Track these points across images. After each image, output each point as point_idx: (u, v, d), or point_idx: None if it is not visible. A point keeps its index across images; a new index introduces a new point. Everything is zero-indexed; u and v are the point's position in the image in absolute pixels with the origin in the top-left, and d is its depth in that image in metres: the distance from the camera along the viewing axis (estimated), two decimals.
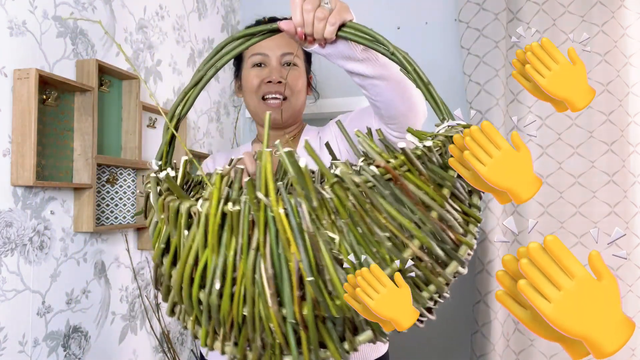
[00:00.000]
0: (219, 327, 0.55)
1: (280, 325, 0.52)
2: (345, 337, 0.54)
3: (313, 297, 0.51)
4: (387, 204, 0.51)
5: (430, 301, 0.54)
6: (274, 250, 0.50)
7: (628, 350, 1.62)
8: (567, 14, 1.71)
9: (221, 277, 0.52)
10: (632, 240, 1.64)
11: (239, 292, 0.52)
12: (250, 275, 0.51)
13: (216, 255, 0.52)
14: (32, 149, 1.02)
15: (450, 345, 1.89)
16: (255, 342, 0.54)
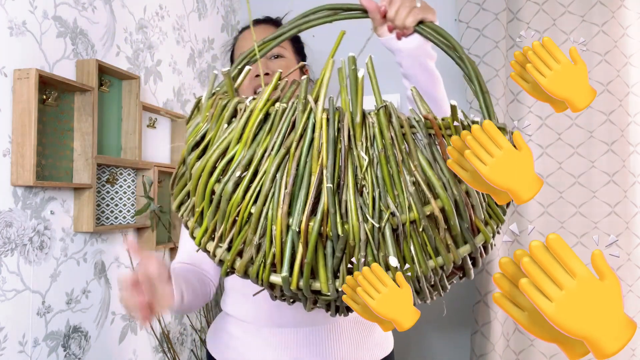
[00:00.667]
0: (220, 224, 0.54)
1: (282, 232, 0.50)
2: (340, 272, 0.52)
3: (324, 210, 0.49)
4: (421, 154, 0.52)
5: (432, 274, 0.52)
6: (302, 155, 0.51)
7: (628, 350, 1.62)
8: (567, 14, 1.71)
9: (244, 168, 0.52)
10: (632, 240, 1.64)
11: (255, 186, 0.52)
12: (272, 173, 0.51)
13: (247, 149, 0.53)
14: (32, 149, 1.02)
15: (450, 345, 1.89)
16: (251, 245, 0.52)
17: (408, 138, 0.53)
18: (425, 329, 1.92)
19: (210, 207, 0.55)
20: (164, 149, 1.61)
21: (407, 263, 0.51)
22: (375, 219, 0.50)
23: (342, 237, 0.50)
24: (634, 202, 1.64)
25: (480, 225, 0.54)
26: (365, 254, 0.50)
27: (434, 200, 0.51)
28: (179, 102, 1.72)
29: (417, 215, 0.51)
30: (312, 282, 0.52)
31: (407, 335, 1.93)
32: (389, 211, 0.51)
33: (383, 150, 0.51)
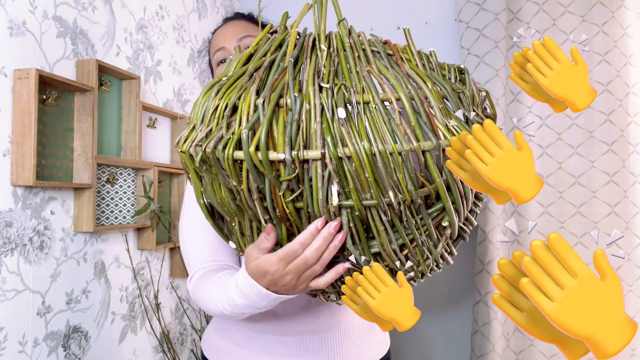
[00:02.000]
0: (201, 124, 0.60)
1: (250, 106, 0.56)
2: (295, 143, 0.56)
3: (286, 81, 0.57)
4: (378, 61, 0.60)
5: (396, 157, 0.53)
6: (276, 59, 0.62)
7: (628, 350, 1.62)
8: (567, 14, 1.71)
9: (226, 75, 0.63)
10: (632, 240, 1.64)
11: (233, 85, 0.60)
12: (249, 70, 0.61)
13: (238, 68, 0.64)
14: (32, 149, 1.02)
15: (450, 345, 1.89)
16: (222, 127, 0.57)
17: (367, 53, 0.60)
18: (425, 328, 1.92)
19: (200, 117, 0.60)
20: (164, 149, 1.61)
21: (362, 139, 0.52)
22: (329, 92, 0.55)
23: (298, 98, 0.54)
24: (634, 202, 1.64)
25: (440, 126, 0.54)
26: (320, 120, 0.53)
27: (389, 90, 0.55)
28: (179, 102, 1.72)
29: (370, 97, 0.54)
30: (270, 153, 0.53)
31: (407, 335, 1.93)
32: (340, 83, 0.56)
33: (343, 51, 0.60)
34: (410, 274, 0.64)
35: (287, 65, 0.58)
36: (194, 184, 0.64)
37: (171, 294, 1.64)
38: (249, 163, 0.53)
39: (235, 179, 0.56)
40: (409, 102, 0.54)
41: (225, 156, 0.54)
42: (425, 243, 0.60)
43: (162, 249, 1.55)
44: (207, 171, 0.59)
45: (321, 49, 0.60)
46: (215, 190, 0.61)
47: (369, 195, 0.54)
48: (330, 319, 0.93)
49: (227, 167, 0.55)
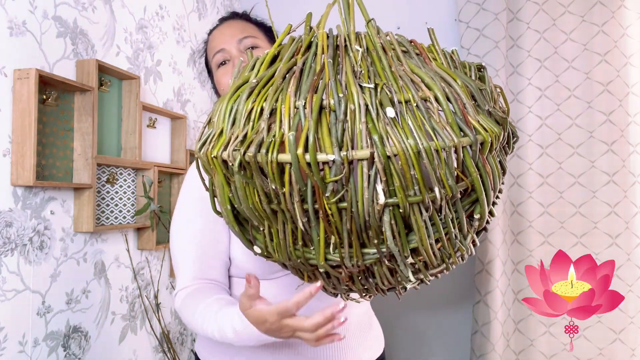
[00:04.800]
0: (234, 126, 0.59)
1: (290, 109, 0.55)
2: (343, 143, 0.55)
3: (326, 82, 0.56)
4: (409, 61, 0.60)
5: (435, 156, 0.54)
6: (308, 60, 0.61)
7: (628, 350, 1.62)
8: (567, 14, 1.71)
9: (259, 78, 0.62)
10: (632, 240, 1.64)
11: (268, 86, 0.59)
12: (282, 73, 0.60)
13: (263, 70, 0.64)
14: (32, 149, 1.02)
15: (450, 345, 1.89)
16: (261, 132, 0.56)
17: (398, 52, 0.61)
18: (425, 328, 1.92)
19: (228, 119, 0.59)
20: (164, 149, 1.61)
21: (408, 137, 0.53)
22: (372, 91, 0.55)
23: (342, 99, 0.54)
24: (634, 202, 1.64)
25: (474, 122, 0.56)
26: (365, 120, 0.53)
27: (425, 87, 0.56)
28: (179, 102, 1.72)
29: (410, 95, 0.55)
30: (319, 155, 0.53)
31: (407, 335, 1.93)
32: (382, 83, 0.56)
33: (375, 50, 0.60)
34: (441, 267, 0.65)
35: (321, 67, 0.58)
36: (222, 190, 0.63)
37: (171, 294, 1.64)
38: (296, 166, 0.53)
39: (278, 183, 0.55)
40: (445, 100, 0.55)
41: (269, 160, 0.53)
42: (457, 236, 0.62)
43: (162, 249, 1.56)
44: (241, 175, 0.58)
45: (355, 49, 0.60)
46: (249, 195, 0.60)
47: (413, 192, 0.55)
48: None
49: (270, 171, 0.54)
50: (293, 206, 0.57)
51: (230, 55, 0.99)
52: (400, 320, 1.93)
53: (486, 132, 0.55)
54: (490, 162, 0.58)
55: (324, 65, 0.58)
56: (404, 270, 0.62)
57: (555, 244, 1.68)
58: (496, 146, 0.59)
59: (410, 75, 0.58)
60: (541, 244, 1.70)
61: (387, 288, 0.68)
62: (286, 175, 0.54)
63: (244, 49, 0.99)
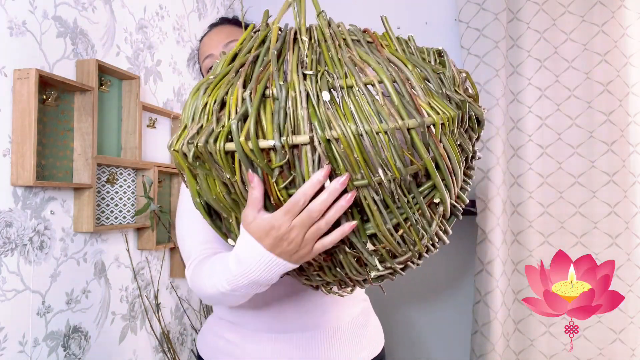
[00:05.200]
0: (191, 120, 0.61)
1: (237, 99, 0.57)
2: (284, 130, 0.56)
3: (270, 73, 0.58)
4: (358, 48, 0.62)
5: (387, 137, 0.54)
6: (260, 54, 0.63)
7: (628, 350, 1.62)
8: (567, 14, 1.71)
9: (213, 73, 0.65)
10: (632, 240, 1.64)
11: (219, 80, 0.61)
12: (235, 67, 0.62)
13: (223, 67, 0.66)
14: (32, 149, 1.02)
15: (450, 345, 1.89)
16: (212, 121, 0.58)
17: (348, 41, 0.62)
18: (425, 328, 1.92)
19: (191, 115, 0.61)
20: (164, 149, 1.61)
21: (349, 121, 0.54)
22: (312, 79, 0.56)
23: (283, 86, 0.55)
24: (634, 202, 1.64)
25: (424, 105, 0.56)
26: (306, 106, 0.54)
27: (371, 74, 0.56)
28: (179, 102, 1.72)
29: (353, 81, 0.55)
30: (260, 141, 0.54)
31: (407, 335, 1.94)
32: (323, 69, 0.57)
33: (324, 41, 0.62)
34: (407, 255, 0.65)
35: (270, 58, 0.60)
36: (190, 182, 0.65)
37: (171, 294, 1.64)
38: (241, 153, 0.54)
39: (228, 171, 0.57)
40: (392, 83, 0.56)
41: (217, 149, 0.55)
42: (419, 222, 0.61)
43: (162, 249, 1.56)
44: (200, 167, 0.60)
45: (302, 40, 0.62)
46: (210, 187, 0.62)
47: (360, 175, 0.56)
48: (319, 317, 0.93)
49: (220, 159, 0.56)
50: (246, 194, 0.59)
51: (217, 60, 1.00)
52: (400, 320, 1.93)
53: (438, 114, 0.55)
54: (446, 144, 0.58)
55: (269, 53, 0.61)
56: (369, 259, 0.63)
57: (555, 244, 1.68)
58: (452, 129, 0.58)
59: (358, 62, 0.59)
60: (541, 244, 1.70)
61: (361, 279, 0.69)
62: (236, 163, 0.56)
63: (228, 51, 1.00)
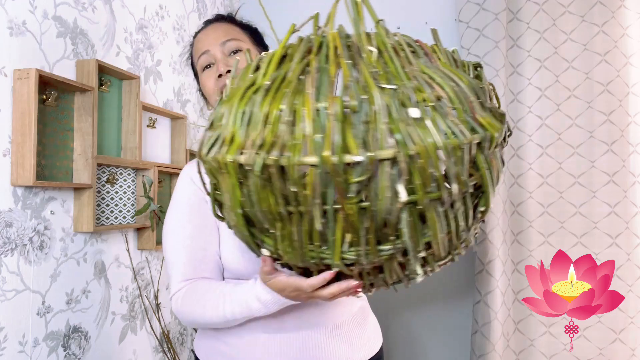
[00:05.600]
0: (252, 131, 0.58)
1: (312, 112, 0.54)
2: (366, 142, 0.54)
3: (345, 83, 0.55)
4: (419, 61, 0.61)
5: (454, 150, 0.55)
6: (321, 61, 0.60)
7: (628, 350, 1.62)
8: (567, 14, 1.71)
9: (272, 79, 0.61)
10: (632, 240, 1.64)
11: (283, 88, 0.58)
12: (297, 74, 0.59)
13: (273, 72, 0.62)
14: (32, 149, 1.02)
15: (450, 345, 1.89)
16: (282, 138, 0.55)
17: (407, 53, 0.61)
18: (425, 328, 1.92)
19: (242, 122, 0.58)
20: (164, 149, 1.61)
21: (428, 136, 0.54)
22: (391, 92, 0.55)
23: (365, 100, 0.53)
24: (634, 202, 1.64)
25: (481, 119, 0.57)
26: (387, 120, 0.53)
27: (437, 87, 0.57)
28: (179, 102, 1.72)
29: (426, 95, 0.55)
30: (345, 156, 0.53)
31: (406, 335, 1.94)
32: (401, 83, 0.56)
33: (386, 51, 0.60)
34: (448, 259, 0.67)
35: (337, 68, 0.58)
36: (233, 194, 0.62)
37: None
38: (322, 168, 0.53)
39: (299, 186, 0.55)
40: (456, 98, 0.56)
41: (293, 163, 0.53)
42: (463, 228, 0.63)
43: (162, 249, 1.56)
44: (260, 178, 0.57)
45: (369, 50, 0.60)
46: (262, 199, 0.59)
47: (431, 189, 0.56)
48: (317, 316, 0.93)
49: (293, 174, 0.54)
50: (313, 208, 0.57)
51: (215, 59, 0.99)
52: (400, 320, 1.93)
53: (491, 128, 0.57)
54: (496, 156, 0.60)
55: (339, 66, 0.58)
56: (414, 264, 0.63)
57: (555, 244, 1.68)
58: (499, 141, 0.60)
59: (421, 75, 0.58)
60: (541, 244, 1.70)
61: (393, 282, 0.70)
62: (310, 177, 0.54)
63: (227, 52, 0.99)
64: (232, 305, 0.84)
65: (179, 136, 1.65)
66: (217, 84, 0.98)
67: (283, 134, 0.54)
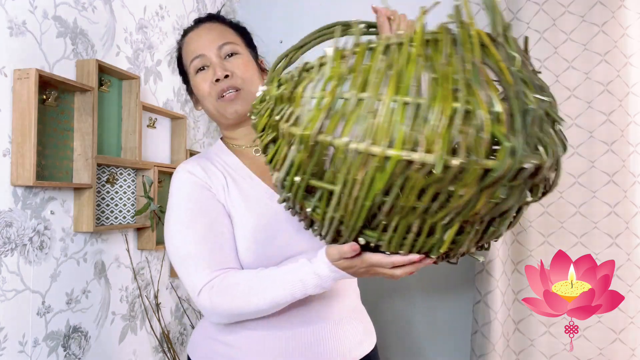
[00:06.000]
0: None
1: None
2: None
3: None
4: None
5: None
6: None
7: (628, 350, 1.62)
8: (567, 14, 1.71)
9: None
10: (632, 240, 1.64)
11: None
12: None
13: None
14: (32, 149, 1.02)
15: (450, 345, 1.89)
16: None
17: (530, 61, 0.62)
18: (425, 328, 1.92)
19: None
20: (164, 149, 1.61)
21: (555, 145, 0.56)
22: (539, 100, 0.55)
23: (533, 107, 0.53)
24: (634, 202, 1.64)
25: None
26: (544, 126, 0.55)
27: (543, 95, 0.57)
28: (179, 102, 1.72)
29: (539, 103, 0.55)
30: (526, 162, 0.51)
31: (407, 335, 1.93)
32: (550, 96, 0.57)
33: (521, 59, 0.57)
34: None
35: (497, 69, 0.55)
36: (373, 186, 0.58)
37: (171, 294, 1.64)
38: (498, 172, 0.51)
39: (459, 186, 0.54)
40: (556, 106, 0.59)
41: (479, 165, 0.51)
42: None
43: (162, 249, 1.56)
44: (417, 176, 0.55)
45: (512, 55, 0.57)
46: (407, 195, 0.57)
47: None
48: (321, 310, 0.93)
49: (469, 175, 0.52)
50: (460, 209, 0.56)
51: (210, 62, 0.99)
52: (400, 319, 1.93)
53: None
54: None
55: (499, 68, 0.55)
56: (487, 239, 0.66)
57: (555, 244, 1.68)
58: None
59: (535, 81, 0.59)
60: (541, 244, 1.70)
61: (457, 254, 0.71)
62: (489, 180, 0.52)
63: (223, 56, 0.99)
64: (285, 287, 0.82)
65: (179, 136, 1.65)
66: (213, 88, 0.98)
67: (459, 135, 0.51)
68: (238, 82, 0.98)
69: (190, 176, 0.97)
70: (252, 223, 0.92)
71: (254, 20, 1.19)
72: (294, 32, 2.06)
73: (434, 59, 0.56)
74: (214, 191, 0.95)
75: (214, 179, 0.96)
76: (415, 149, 0.52)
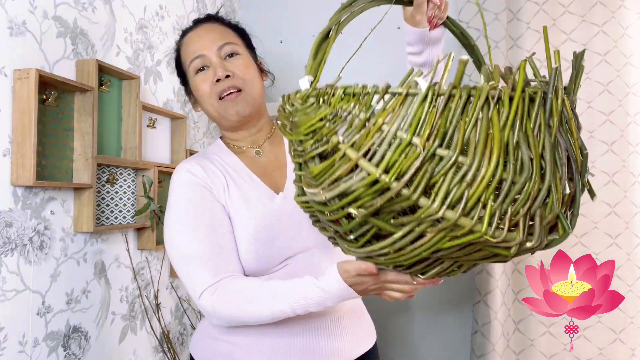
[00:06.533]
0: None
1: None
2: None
3: None
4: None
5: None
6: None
7: (628, 350, 1.62)
8: (567, 14, 1.71)
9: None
10: (632, 240, 1.64)
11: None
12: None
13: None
14: (32, 149, 1.02)
15: (450, 345, 1.89)
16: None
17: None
18: (425, 328, 1.92)
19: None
20: (164, 149, 1.61)
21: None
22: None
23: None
24: (634, 202, 1.64)
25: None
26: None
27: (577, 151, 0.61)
28: (179, 102, 1.72)
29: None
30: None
31: (407, 335, 1.93)
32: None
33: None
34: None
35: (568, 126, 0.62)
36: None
37: (171, 294, 1.64)
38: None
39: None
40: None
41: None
42: None
43: (162, 249, 1.56)
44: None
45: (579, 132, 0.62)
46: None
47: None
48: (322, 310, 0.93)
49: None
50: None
51: (210, 62, 0.99)
52: (400, 320, 1.93)
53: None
54: None
55: (572, 144, 0.60)
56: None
57: None
58: None
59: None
60: None
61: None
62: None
63: (223, 56, 0.99)
64: (290, 299, 0.82)
65: (178, 136, 1.65)
66: (213, 88, 0.98)
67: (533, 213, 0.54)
68: (239, 82, 0.98)
69: (191, 176, 0.97)
70: (253, 224, 0.92)
71: (254, 20, 1.18)
72: (294, 32, 2.06)
73: (527, 126, 0.53)
74: (214, 192, 0.95)
75: (214, 179, 0.96)
76: (499, 227, 0.51)
